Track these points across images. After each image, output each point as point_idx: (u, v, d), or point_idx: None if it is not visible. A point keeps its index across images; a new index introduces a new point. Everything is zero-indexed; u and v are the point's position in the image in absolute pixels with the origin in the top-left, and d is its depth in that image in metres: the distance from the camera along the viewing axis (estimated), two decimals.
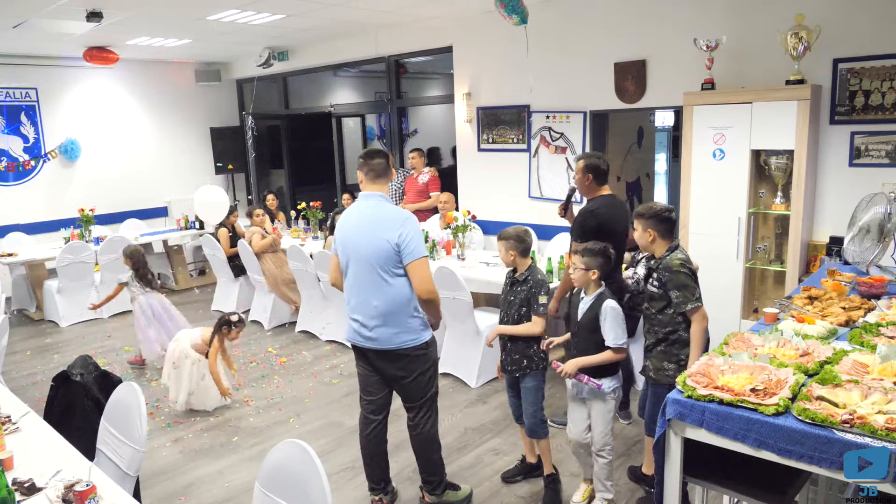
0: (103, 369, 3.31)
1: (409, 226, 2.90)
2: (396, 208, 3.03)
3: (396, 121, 7.99)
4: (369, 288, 2.96)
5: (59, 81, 8.14)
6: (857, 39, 4.34)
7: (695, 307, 2.88)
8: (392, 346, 3.00)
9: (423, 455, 3.25)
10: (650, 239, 3.00)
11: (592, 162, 3.75)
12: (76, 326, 6.74)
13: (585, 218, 3.67)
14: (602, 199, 3.74)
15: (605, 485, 3.17)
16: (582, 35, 5.74)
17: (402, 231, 2.88)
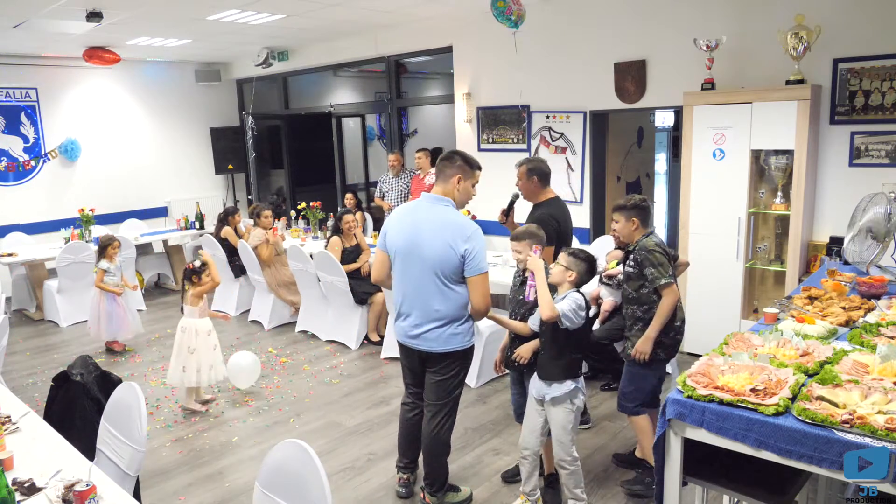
0: (103, 369, 3.31)
1: (477, 239, 2.93)
2: (464, 217, 3.01)
3: (396, 121, 7.99)
4: (430, 291, 3.00)
5: (59, 81, 8.14)
6: (857, 39, 4.34)
7: (667, 283, 3.06)
8: (443, 348, 3.04)
9: (432, 456, 3.23)
10: (633, 227, 3.19)
11: (536, 165, 3.88)
12: (76, 326, 6.74)
13: (547, 222, 3.67)
14: (553, 201, 3.91)
15: (576, 493, 3.03)
16: (582, 35, 5.74)
17: (471, 244, 2.92)
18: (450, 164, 3.00)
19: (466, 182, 3.00)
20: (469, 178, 3.02)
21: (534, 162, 3.91)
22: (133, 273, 7.23)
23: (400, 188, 7.24)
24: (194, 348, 4.43)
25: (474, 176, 3.04)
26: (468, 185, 3.02)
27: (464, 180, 2.99)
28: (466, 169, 3.01)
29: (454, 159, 3.01)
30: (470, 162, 3.04)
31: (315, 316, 6.13)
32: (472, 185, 3.04)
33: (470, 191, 3.04)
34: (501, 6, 4.90)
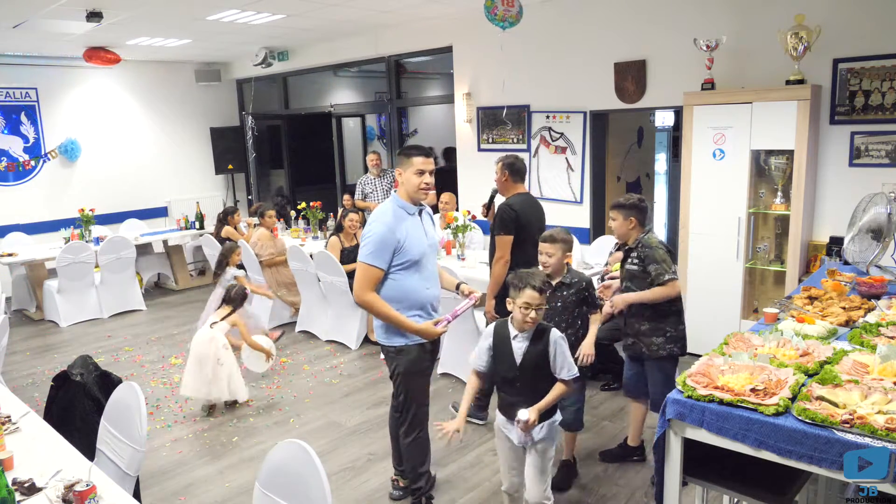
0: (103, 369, 3.31)
1: (372, 225, 2.98)
2: (379, 208, 3.08)
3: (396, 121, 7.99)
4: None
5: (59, 81, 8.14)
6: (857, 39, 4.34)
7: (671, 278, 3.15)
8: (379, 339, 3.17)
9: (407, 462, 3.23)
10: (631, 226, 3.27)
11: (509, 160, 4.03)
12: (76, 326, 6.74)
13: (504, 211, 3.92)
14: (518, 195, 4.00)
15: None
16: (582, 35, 5.74)
17: (365, 231, 3.07)
18: (397, 162, 3.05)
19: (406, 172, 2.96)
20: (407, 168, 2.96)
21: (509, 158, 4.05)
22: (133, 273, 7.24)
23: (384, 188, 7.24)
24: (223, 361, 4.43)
25: (411, 164, 2.95)
26: (409, 174, 2.96)
27: (403, 172, 2.97)
28: (401, 159, 3.00)
29: (399, 155, 3.05)
30: (405, 151, 3.02)
31: (315, 316, 6.13)
32: (414, 174, 2.94)
33: (413, 180, 2.95)
34: (489, 5, 4.93)
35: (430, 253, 3.08)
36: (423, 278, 3.02)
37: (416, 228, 2.99)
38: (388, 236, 2.89)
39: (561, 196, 6.17)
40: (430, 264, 3.08)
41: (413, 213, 3.02)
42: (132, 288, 7.25)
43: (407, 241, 2.93)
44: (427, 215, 3.14)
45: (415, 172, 2.95)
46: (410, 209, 3.00)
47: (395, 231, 2.91)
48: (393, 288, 2.97)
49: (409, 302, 2.98)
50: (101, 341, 6.24)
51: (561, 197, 6.17)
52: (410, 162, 2.96)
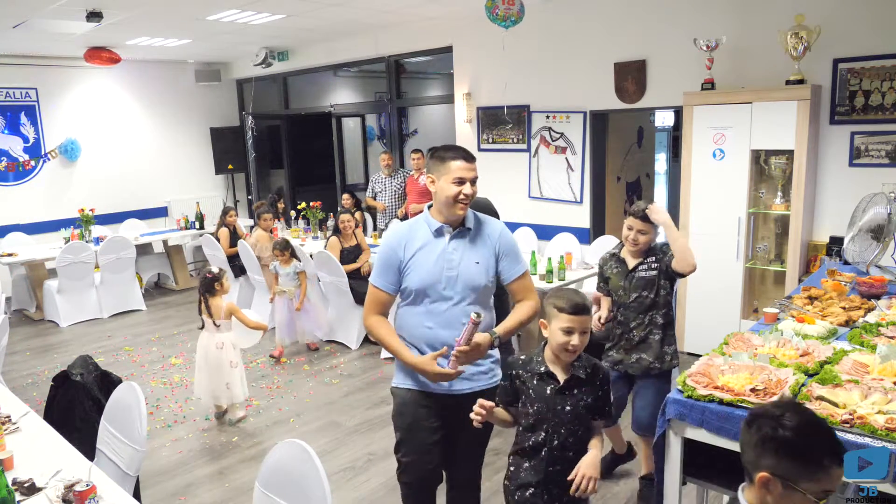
0: (103, 369, 3.31)
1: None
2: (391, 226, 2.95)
3: (396, 121, 7.99)
4: None
5: (59, 81, 8.14)
6: (857, 39, 4.34)
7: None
8: None
9: None
10: (653, 236, 3.23)
11: None
12: (76, 326, 6.74)
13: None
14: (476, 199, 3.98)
15: None
16: (582, 35, 5.74)
17: None
18: (426, 167, 2.46)
19: (440, 180, 2.35)
20: (442, 174, 2.34)
21: None
22: (133, 273, 7.24)
23: (394, 188, 7.24)
24: (237, 363, 4.26)
25: (447, 169, 2.33)
26: (443, 183, 2.34)
27: (437, 179, 2.37)
28: (434, 163, 2.38)
29: (430, 158, 2.45)
30: (439, 153, 2.39)
31: None
32: (451, 182, 2.31)
33: (448, 190, 2.32)
34: (489, 5, 4.93)
35: (448, 287, 2.37)
36: (423, 314, 2.41)
37: (430, 252, 2.37)
38: (388, 254, 2.42)
39: (561, 196, 6.17)
40: (443, 301, 2.38)
41: (439, 234, 2.38)
42: (132, 288, 7.24)
43: (411, 265, 2.38)
44: (473, 242, 2.40)
45: (452, 180, 2.31)
46: (433, 226, 2.38)
47: (397, 249, 2.40)
48: (397, 317, 2.51)
49: (406, 338, 2.47)
50: (101, 341, 6.24)
51: (561, 197, 6.17)
52: (447, 167, 2.33)
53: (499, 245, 2.44)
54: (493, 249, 2.43)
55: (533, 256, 5.12)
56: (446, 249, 2.37)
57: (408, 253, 2.39)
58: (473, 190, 2.35)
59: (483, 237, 2.42)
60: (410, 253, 2.39)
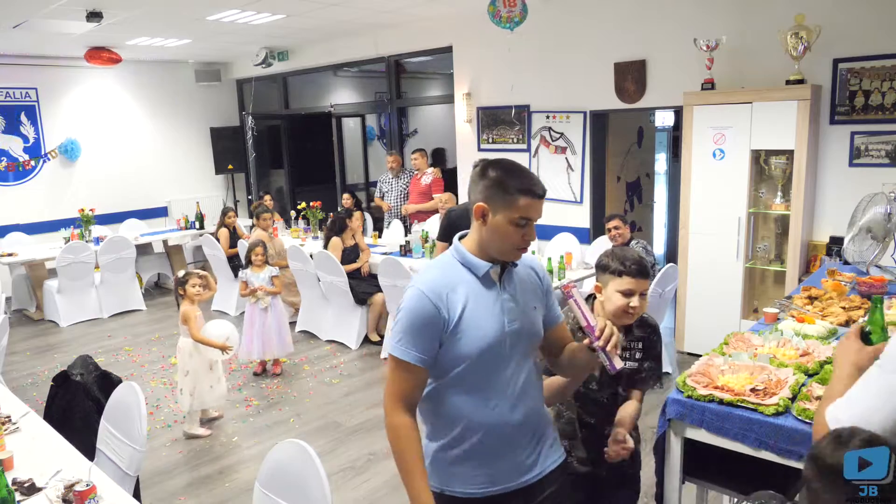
0: (103, 369, 3.31)
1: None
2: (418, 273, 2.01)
3: (396, 121, 7.99)
4: None
5: (59, 81, 8.14)
6: (857, 39, 4.34)
7: None
8: None
9: None
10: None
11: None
12: (76, 326, 6.74)
13: (442, 218, 4.17)
14: (465, 203, 4.02)
15: None
16: (582, 35, 5.74)
17: None
18: (474, 184, 1.74)
19: (497, 214, 1.67)
20: (500, 207, 1.67)
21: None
22: (133, 273, 7.24)
23: (400, 188, 7.25)
24: (190, 371, 4.10)
25: (512, 204, 1.65)
26: (500, 219, 1.67)
27: (490, 211, 1.68)
28: (490, 190, 1.68)
29: (483, 175, 1.71)
30: (498, 181, 1.67)
31: (315, 316, 6.13)
32: (509, 223, 1.66)
33: (504, 232, 1.67)
34: (492, 10, 4.95)
35: (512, 346, 1.74)
36: (481, 390, 1.73)
37: (483, 305, 1.71)
38: (422, 314, 1.67)
39: (561, 196, 6.17)
40: (504, 366, 1.74)
41: (487, 278, 1.73)
42: (132, 288, 7.24)
43: (463, 327, 1.68)
44: (521, 280, 1.81)
45: (511, 220, 1.66)
46: (480, 268, 1.72)
47: (437, 305, 1.67)
48: (430, 400, 1.77)
49: (448, 429, 1.77)
50: (101, 341, 6.24)
51: (561, 197, 6.17)
52: (511, 202, 1.65)
53: (544, 278, 1.90)
54: (540, 285, 1.88)
55: None
56: (501, 297, 1.74)
57: (454, 310, 1.68)
58: (534, 232, 1.72)
59: (526, 271, 1.85)
60: (457, 309, 1.69)
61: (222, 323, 4.35)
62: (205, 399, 4.16)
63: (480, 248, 1.75)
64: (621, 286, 2.03)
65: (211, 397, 4.20)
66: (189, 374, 4.10)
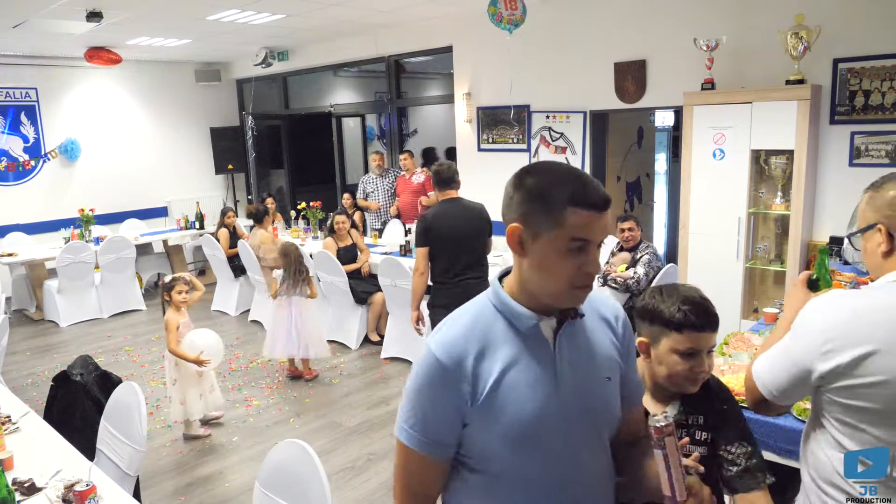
0: (103, 369, 3.32)
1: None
2: None
3: (396, 121, 8.00)
4: None
5: (59, 81, 8.14)
6: (857, 39, 4.34)
7: None
8: None
9: None
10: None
11: (434, 168, 4.06)
12: (76, 326, 6.74)
13: (418, 222, 4.01)
14: (442, 203, 4.00)
15: None
16: (582, 35, 5.74)
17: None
18: (508, 200, 1.25)
19: (538, 237, 1.20)
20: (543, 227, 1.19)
21: (435, 166, 4.08)
22: (133, 273, 7.24)
23: (385, 187, 7.26)
24: (175, 378, 4.05)
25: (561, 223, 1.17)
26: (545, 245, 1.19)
27: (528, 237, 1.20)
28: (528, 205, 1.20)
29: (518, 185, 1.23)
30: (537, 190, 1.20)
31: None
32: (564, 249, 1.18)
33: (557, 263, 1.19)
34: (493, 11, 4.95)
35: (570, 431, 1.26)
36: (524, 491, 1.26)
37: (525, 372, 1.23)
38: (437, 380, 1.23)
39: None
40: (560, 458, 1.26)
41: (534, 333, 1.25)
42: (132, 288, 7.25)
43: (494, 402, 1.22)
44: (589, 338, 1.31)
45: (561, 246, 1.18)
46: (523, 321, 1.24)
47: (456, 369, 1.22)
48: (456, 494, 1.33)
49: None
50: (101, 341, 6.24)
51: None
52: (559, 218, 1.17)
53: (625, 331, 1.37)
54: (617, 343, 1.35)
55: None
56: (556, 360, 1.25)
57: (483, 380, 1.21)
58: (598, 255, 1.21)
59: (596, 323, 1.33)
60: (489, 379, 1.21)
61: (206, 333, 4.14)
62: (194, 409, 4.07)
63: (524, 291, 1.24)
64: (681, 344, 1.45)
65: (200, 407, 4.11)
66: (177, 383, 4.05)
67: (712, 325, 1.49)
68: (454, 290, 3.83)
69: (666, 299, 1.50)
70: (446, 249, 3.87)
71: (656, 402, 1.57)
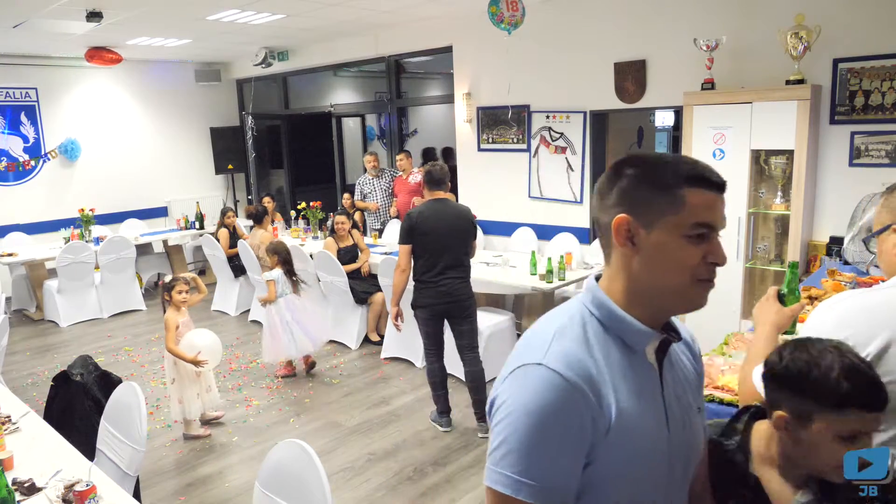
0: (103, 369, 3.32)
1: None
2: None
3: (396, 121, 8.00)
4: None
5: (59, 81, 8.14)
6: (857, 39, 4.34)
7: None
8: None
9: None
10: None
11: (426, 168, 4.10)
12: (76, 326, 6.74)
13: (403, 220, 4.06)
14: (428, 203, 4.04)
15: None
16: (582, 35, 5.74)
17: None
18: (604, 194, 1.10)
19: (654, 229, 1.04)
20: (657, 215, 1.04)
21: (427, 166, 4.13)
22: (133, 273, 7.24)
23: (382, 187, 7.26)
24: (173, 378, 4.06)
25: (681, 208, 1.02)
26: (663, 234, 1.04)
27: (643, 227, 1.04)
28: (643, 194, 1.05)
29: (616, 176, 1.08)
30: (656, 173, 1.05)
31: None
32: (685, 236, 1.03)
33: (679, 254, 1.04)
34: (494, 11, 4.95)
35: (679, 465, 1.14)
36: None
37: (642, 397, 1.06)
38: (568, 405, 0.98)
39: (561, 196, 6.17)
40: (665, 483, 1.11)
41: (638, 351, 1.09)
42: (132, 288, 7.25)
43: (618, 433, 1.01)
44: (677, 354, 1.21)
45: (684, 232, 1.02)
46: (640, 337, 1.07)
47: (591, 390, 0.99)
48: None
49: None
50: (101, 341, 6.24)
51: (561, 197, 6.17)
52: (677, 199, 1.02)
53: (698, 358, 1.30)
54: (695, 371, 1.28)
55: (533, 256, 5.12)
56: (664, 387, 1.11)
57: (605, 407, 1.01)
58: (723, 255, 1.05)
59: (678, 346, 1.21)
60: (611, 406, 1.01)
61: (205, 333, 4.15)
62: (193, 408, 4.09)
63: (635, 298, 1.06)
64: (844, 427, 1.13)
65: (198, 406, 4.12)
66: (175, 382, 4.07)
67: (881, 398, 1.14)
68: (436, 289, 3.92)
69: (815, 363, 1.15)
70: (427, 248, 3.92)
71: (784, 482, 1.25)
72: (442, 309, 3.99)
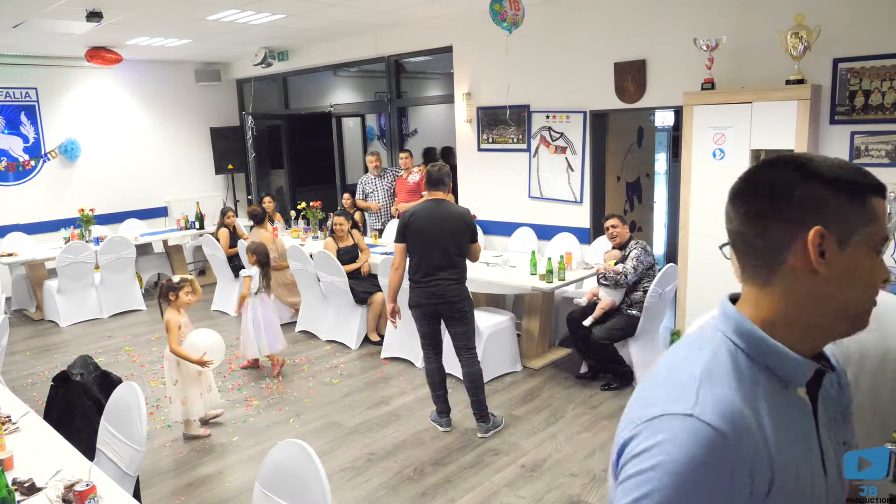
0: (103, 369, 3.32)
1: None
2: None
3: (396, 121, 8.00)
4: None
5: (59, 81, 8.14)
6: (857, 39, 4.34)
7: None
8: None
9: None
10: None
11: (428, 168, 4.11)
12: (76, 326, 6.74)
13: (399, 218, 4.11)
14: (425, 202, 4.07)
15: None
16: (582, 35, 5.74)
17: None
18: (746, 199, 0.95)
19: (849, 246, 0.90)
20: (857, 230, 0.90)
21: (429, 166, 4.13)
22: (133, 273, 7.24)
23: (384, 187, 7.26)
24: (176, 379, 4.05)
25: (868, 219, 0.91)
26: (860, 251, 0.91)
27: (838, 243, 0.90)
28: (833, 203, 0.90)
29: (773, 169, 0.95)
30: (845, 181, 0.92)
31: (315, 316, 6.13)
32: (872, 249, 0.91)
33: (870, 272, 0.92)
34: (497, 9, 4.94)
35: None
36: None
37: (796, 444, 0.92)
38: (726, 460, 0.83)
39: (561, 196, 6.17)
40: None
41: (790, 388, 0.94)
42: (132, 288, 7.25)
43: (778, 488, 0.87)
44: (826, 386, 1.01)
45: (877, 246, 0.92)
46: (798, 371, 0.93)
47: (751, 438, 0.85)
48: None
49: None
50: (101, 341, 6.24)
51: (561, 197, 6.17)
52: (868, 212, 0.91)
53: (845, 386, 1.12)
54: (842, 402, 1.10)
55: (533, 256, 5.12)
56: (820, 429, 0.99)
57: (761, 461, 0.86)
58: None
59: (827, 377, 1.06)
60: (766, 459, 0.87)
61: (208, 333, 4.17)
62: (195, 408, 4.10)
63: (794, 324, 0.92)
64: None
65: (201, 406, 4.13)
66: (178, 384, 4.05)
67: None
68: (426, 289, 3.92)
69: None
70: (419, 248, 3.92)
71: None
72: (432, 309, 3.98)
